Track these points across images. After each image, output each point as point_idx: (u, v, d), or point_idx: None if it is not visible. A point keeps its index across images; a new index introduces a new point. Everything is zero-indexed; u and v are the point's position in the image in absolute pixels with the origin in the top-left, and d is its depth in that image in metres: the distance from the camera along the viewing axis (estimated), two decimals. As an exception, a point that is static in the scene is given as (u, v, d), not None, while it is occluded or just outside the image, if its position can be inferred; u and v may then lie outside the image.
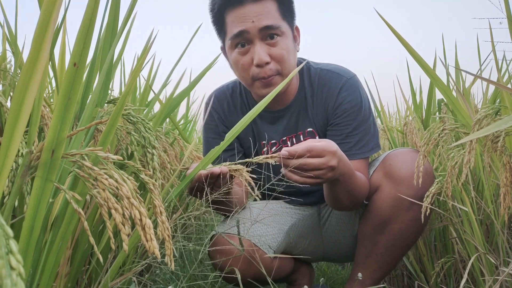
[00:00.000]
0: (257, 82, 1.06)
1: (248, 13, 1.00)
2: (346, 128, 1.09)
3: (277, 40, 1.02)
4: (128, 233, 0.48)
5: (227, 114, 1.23)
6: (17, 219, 0.62)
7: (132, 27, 0.85)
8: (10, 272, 0.25)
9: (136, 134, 0.76)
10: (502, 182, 0.73)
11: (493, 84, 0.76)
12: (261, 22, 1.00)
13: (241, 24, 1.01)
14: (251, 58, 1.03)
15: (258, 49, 1.01)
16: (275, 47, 1.02)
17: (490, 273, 0.88)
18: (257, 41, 1.02)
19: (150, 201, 0.55)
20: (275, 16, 1.02)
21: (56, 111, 0.47)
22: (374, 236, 1.06)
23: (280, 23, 1.03)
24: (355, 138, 1.08)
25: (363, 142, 1.09)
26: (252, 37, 1.02)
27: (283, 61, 1.03)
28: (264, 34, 1.01)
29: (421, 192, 0.94)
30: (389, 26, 0.85)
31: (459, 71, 1.23)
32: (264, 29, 1.01)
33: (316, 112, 1.15)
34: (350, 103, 1.09)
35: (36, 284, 0.56)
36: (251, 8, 1.00)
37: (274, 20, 1.01)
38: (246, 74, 1.06)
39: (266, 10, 1.01)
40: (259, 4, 1.00)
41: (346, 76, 1.13)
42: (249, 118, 0.79)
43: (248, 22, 1.00)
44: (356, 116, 1.09)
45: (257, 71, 1.03)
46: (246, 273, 1.00)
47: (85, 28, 0.48)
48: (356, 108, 1.09)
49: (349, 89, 1.11)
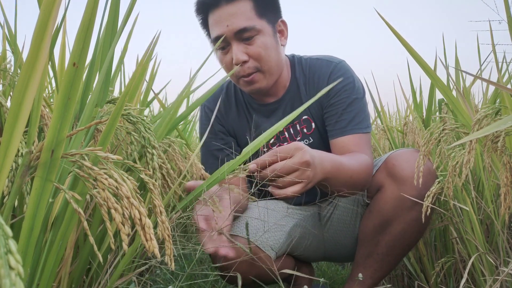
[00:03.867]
0: (240, 80, 1.11)
1: (223, 15, 1.05)
2: (340, 106, 1.11)
3: (254, 38, 1.06)
4: (128, 233, 0.48)
5: (222, 112, 1.25)
6: (17, 219, 0.62)
7: (134, 28, 0.85)
8: (9, 272, 0.25)
9: (136, 134, 0.76)
10: (502, 182, 0.73)
11: (493, 85, 0.76)
12: (234, 25, 1.04)
13: (217, 29, 1.07)
14: (231, 58, 1.08)
15: (235, 49, 1.06)
16: (252, 45, 1.06)
17: (490, 273, 0.88)
18: (234, 42, 1.07)
19: (150, 200, 0.55)
20: (250, 16, 1.06)
21: (56, 111, 0.46)
22: (376, 236, 1.06)
23: (255, 22, 1.06)
24: (350, 115, 1.09)
25: (359, 119, 1.09)
26: (229, 39, 1.06)
27: (261, 58, 1.07)
28: (239, 36, 1.06)
29: (424, 192, 0.94)
30: (389, 25, 0.85)
31: (459, 71, 1.23)
32: (239, 32, 1.05)
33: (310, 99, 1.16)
34: (341, 83, 1.11)
35: (36, 284, 0.55)
36: (225, 9, 1.05)
37: (248, 21, 1.05)
38: (230, 73, 1.10)
39: (240, 11, 1.05)
40: (233, 5, 1.05)
41: (335, 61, 1.16)
42: (260, 142, 0.74)
43: (223, 27, 1.05)
44: (350, 94, 1.11)
45: (238, 69, 1.08)
46: (248, 275, 1.00)
47: (84, 28, 0.47)
48: (348, 87, 1.11)
49: (339, 71, 1.14)
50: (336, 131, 1.10)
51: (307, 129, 1.17)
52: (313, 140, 1.17)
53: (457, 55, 1.31)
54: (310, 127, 1.17)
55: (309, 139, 1.18)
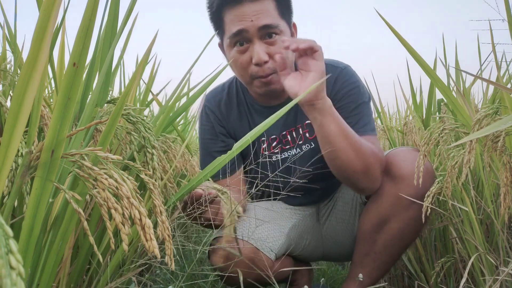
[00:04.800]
0: (256, 81, 1.07)
1: (247, 12, 1.01)
2: (345, 110, 1.09)
3: (276, 38, 1.03)
4: (128, 233, 0.48)
5: (224, 114, 1.22)
6: (17, 219, 0.62)
7: (133, 28, 0.85)
8: (10, 272, 0.25)
9: (136, 134, 0.76)
10: (502, 182, 0.73)
11: (492, 85, 0.76)
12: (260, 21, 1.00)
13: (240, 23, 1.01)
14: (250, 57, 1.04)
15: (257, 48, 1.02)
16: (274, 45, 1.03)
17: (490, 273, 0.88)
18: (256, 40, 1.02)
19: (150, 200, 0.55)
20: (274, 15, 1.03)
21: (56, 111, 0.47)
22: (373, 234, 1.06)
23: (279, 21, 1.03)
24: (355, 118, 1.08)
25: (363, 122, 1.08)
26: (250, 36, 1.02)
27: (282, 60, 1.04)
28: (263, 33, 1.02)
29: (421, 190, 0.94)
30: (389, 26, 0.85)
31: (459, 71, 1.23)
32: (263, 28, 1.01)
33: None
34: (347, 87, 1.11)
35: (36, 284, 0.56)
36: (249, 7, 1.01)
37: (273, 19, 1.02)
38: (244, 72, 1.07)
39: (265, 9, 1.01)
40: (258, 3, 1.01)
41: (340, 66, 1.15)
42: (255, 133, 0.75)
43: (247, 21, 1.01)
44: (355, 99, 1.10)
45: (256, 69, 1.04)
46: (247, 276, 1.00)
47: (84, 28, 0.47)
48: (354, 91, 1.11)
49: (344, 76, 1.13)
50: None
51: (309, 133, 1.16)
52: (314, 145, 1.16)
53: (457, 55, 1.31)
54: (312, 132, 1.16)
55: (310, 144, 1.17)
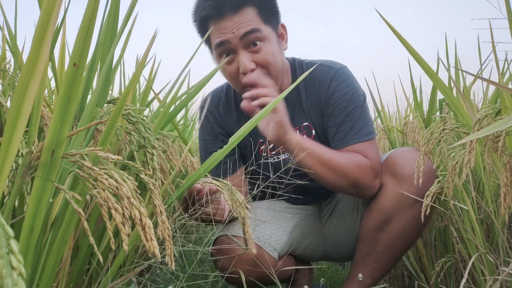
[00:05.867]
0: (247, 89, 1.06)
1: (228, 25, 1.01)
2: (339, 116, 1.10)
3: (260, 46, 1.03)
4: (128, 233, 0.48)
5: (222, 115, 1.23)
6: (17, 219, 0.62)
7: (133, 28, 0.85)
8: (11, 272, 0.25)
9: (136, 134, 0.76)
10: (502, 182, 0.73)
11: (493, 84, 0.76)
12: (241, 31, 1.01)
13: (222, 36, 1.02)
14: (237, 67, 1.04)
15: (242, 58, 1.02)
16: (259, 53, 1.03)
17: (490, 272, 0.88)
18: (240, 50, 1.03)
19: (150, 200, 0.55)
20: (256, 22, 1.03)
21: (56, 111, 0.47)
22: (375, 234, 1.06)
23: (261, 27, 1.03)
24: (349, 124, 1.08)
25: (358, 127, 1.08)
26: (234, 46, 1.02)
27: (268, 66, 1.04)
28: (246, 41, 1.02)
29: (424, 190, 0.94)
30: (389, 26, 0.85)
31: (459, 71, 1.23)
32: (245, 36, 1.01)
33: (311, 105, 1.15)
34: (341, 91, 1.10)
35: (36, 284, 0.56)
36: (231, 19, 1.01)
37: (254, 26, 1.02)
38: (235, 82, 1.07)
39: (245, 19, 1.01)
40: (239, 15, 1.01)
41: (336, 67, 1.14)
42: (249, 127, 0.77)
43: (229, 33, 1.02)
44: (348, 103, 1.09)
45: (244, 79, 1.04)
46: (250, 275, 1.00)
47: (85, 28, 0.47)
48: (347, 96, 1.10)
49: (339, 78, 1.12)
50: (335, 143, 1.09)
51: (307, 135, 1.16)
52: None
53: (457, 55, 1.31)
54: (310, 134, 1.16)
55: None
